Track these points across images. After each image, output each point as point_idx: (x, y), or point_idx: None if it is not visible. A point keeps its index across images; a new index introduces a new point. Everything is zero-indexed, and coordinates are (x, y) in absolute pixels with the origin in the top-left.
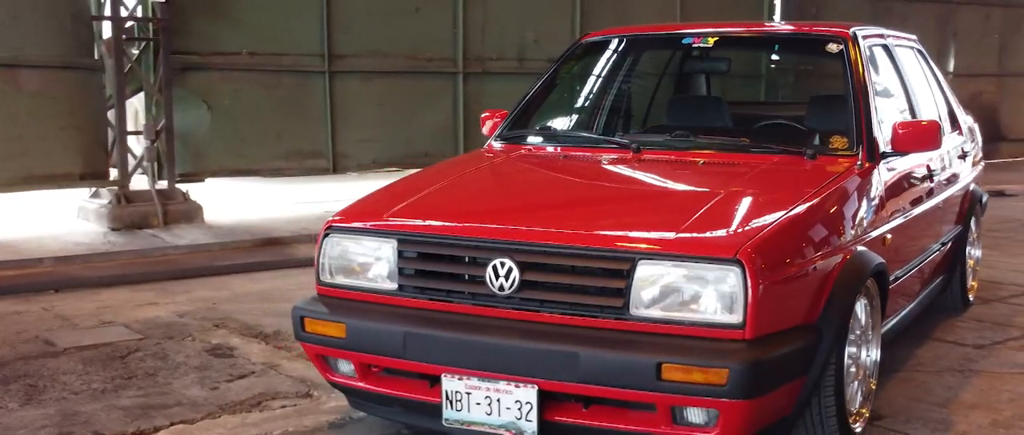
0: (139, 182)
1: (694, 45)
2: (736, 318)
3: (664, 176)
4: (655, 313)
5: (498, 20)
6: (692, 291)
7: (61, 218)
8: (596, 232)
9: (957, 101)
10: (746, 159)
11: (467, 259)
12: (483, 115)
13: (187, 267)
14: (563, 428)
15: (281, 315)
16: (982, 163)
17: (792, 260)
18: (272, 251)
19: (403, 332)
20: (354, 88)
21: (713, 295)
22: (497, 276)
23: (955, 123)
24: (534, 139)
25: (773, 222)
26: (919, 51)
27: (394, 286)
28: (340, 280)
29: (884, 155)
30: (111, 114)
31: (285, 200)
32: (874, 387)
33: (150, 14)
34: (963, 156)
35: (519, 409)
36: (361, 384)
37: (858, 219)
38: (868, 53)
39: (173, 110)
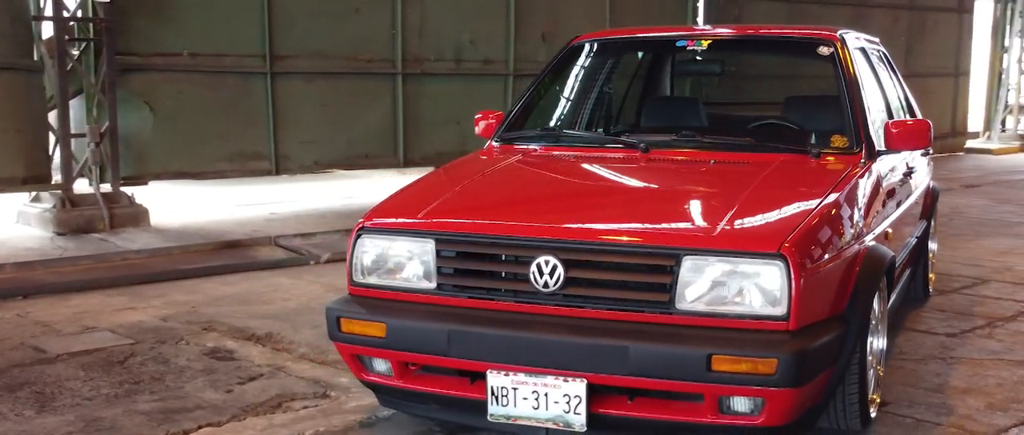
0: (81, 185)
1: (688, 47)
2: (780, 310)
3: (685, 175)
4: (700, 307)
5: (435, 21)
6: (737, 285)
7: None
8: (641, 230)
9: (914, 99)
10: (754, 158)
11: (510, 258)
12: (476, 116)
13: (152, 271)
14: (610, 420)
15: (267, 317)
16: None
17: (825, 254)
18: (234, 254)
19: (447, 330)
20: (296, 89)
21: (757, 288)
22: (541, 274)
23: None
24: (537, 140)
25: (806, 217)
26: (883, 53)
27: (432, 285)
28: (373, 280)
29: (879, 153)
30: (52, 116)
31: (225, 203)
32: (882, 374)
33: (91, 14)
34: (925, 153)
35: (567, 403)
36: (398, 383)
37: (869, 215)
38: (854, 55)
39: (116, 112)
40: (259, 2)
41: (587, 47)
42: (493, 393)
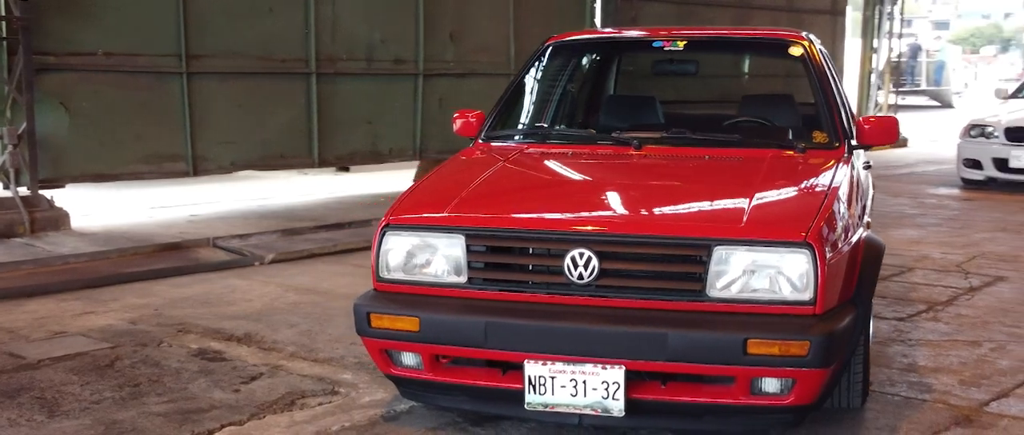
0: None
1: (665, 48)
2: (808, 295)
3: (690, 170)
4: (730, 294)
5: (346, 21)
6: (765, 272)
7: None
8: (672, 222)
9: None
10: (746, 154)
11: (543, 251)
12: (454, 115)
13: (99, 275)
14: (645, 405)
15: (237, 318)
16: None
17: (840, 242)
18: (175, 256)
19: (484, 323)
20: (212, 90)
21: (785, 275)
22: (576, 266)
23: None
24: (524, 137)
25: (820, 208)
26: (825, 52)
27: (462, 279)
28: (400, 276)
29: (854, 148)
30: None
31: (139, 205)
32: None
33: (5, 12)
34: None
35: (606, 389)
36: (428, 376)
37: (860, 205)
38: (823, 55)
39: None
40: (174, 1)
41: (562, 48)
42: (530, 382)
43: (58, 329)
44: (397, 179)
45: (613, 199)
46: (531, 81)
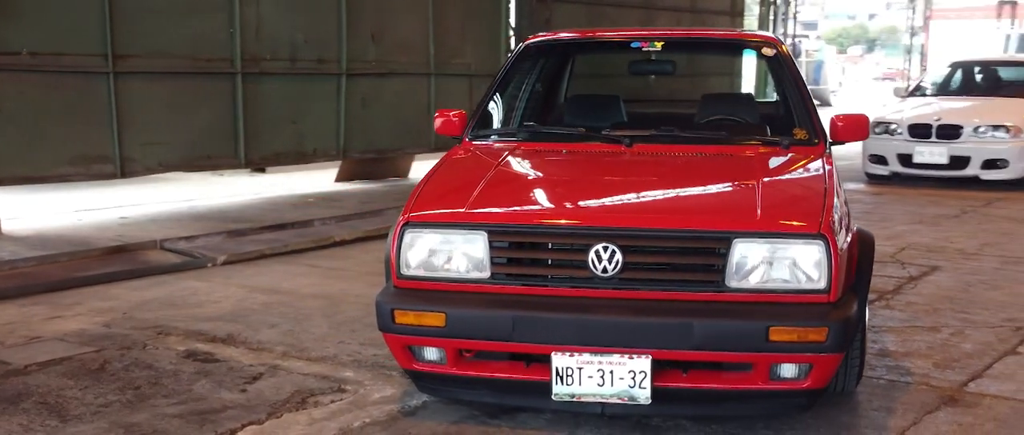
0: None
1: (643, 48)
2: (822, 284)
3: (691, 166)
4: (748, 284)
5: (270, 21)
6: (782, 263)
7: None
8: (693, 217)
9: None
10: (735, 150)
11: (566, 246)
12: (435, 114)
13: (53, 279)
14: (670, 392)
15: (212, 320)
16: None
17: (844, 233)
18: (125, 259)
19: (512, 317)
20: (139, 90)
21: (801, 265)
22: (600, 260)
23: None
24: (513, 135)
25: (824, 201)
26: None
27: (485, 275)
28: (421, 272)
29: (831, 144)
30: None
31: (63, 208)
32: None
33: None
34: None
35: (632, 378)
36: (451, 370)
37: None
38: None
39: None
40: (100, 0)
41: (541, 48)
42: (558, 373)
43: (31, 334)
44: (313, 179)
45: (630, 195)
46: (509, 80)
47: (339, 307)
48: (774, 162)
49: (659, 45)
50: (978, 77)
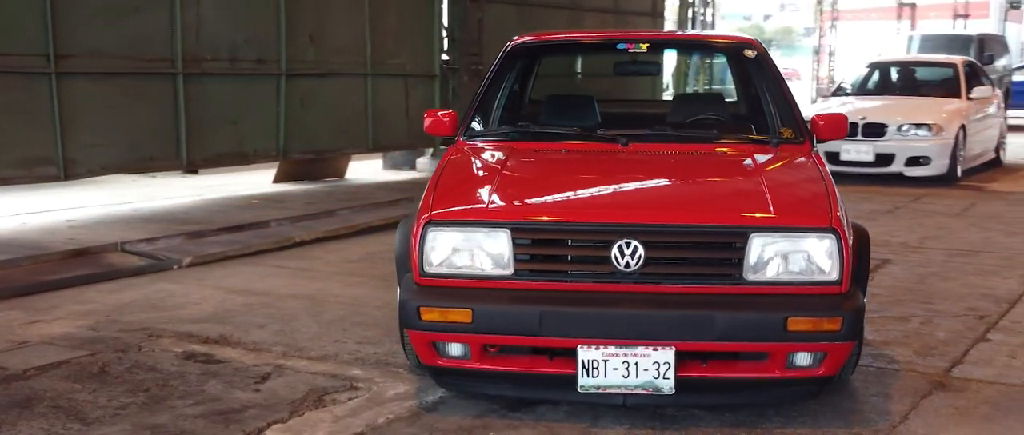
0: None
1: (628, 50)
2: (834, 276)
3: (695, 164)
4: (765, 277)
5: (210, 21)
6: (797, 256)
7: None
8: (712, 213)
9: None
10: (728, 148)
11: (589, 242)
12: (425, 114)
13: (20, 284)
14: (691, 382)
15: (198, 322)
16: None
17: (849, 227)
18: (89, 263)
19: (539, 312)
20: (82, 90)
21: (815, 258)
22: (623, 255)
23: None
24: (510, 136)
25: (828, 197)
26: None
27: (509, 271)
28: (444, 270)
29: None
30: None
31: (2, 212)
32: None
33: None
34: None
35: (657, 369)
36: (475, 365)
37: None
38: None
39: None
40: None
41: (526, 49)
42: (584, 366)
43: (17, 339)
44: (249, 180)
45: (646, 192)
46: (500, 81)
47: (322, 307)
48: (770, 159)
49: (644, 46)
50: (894, 77)
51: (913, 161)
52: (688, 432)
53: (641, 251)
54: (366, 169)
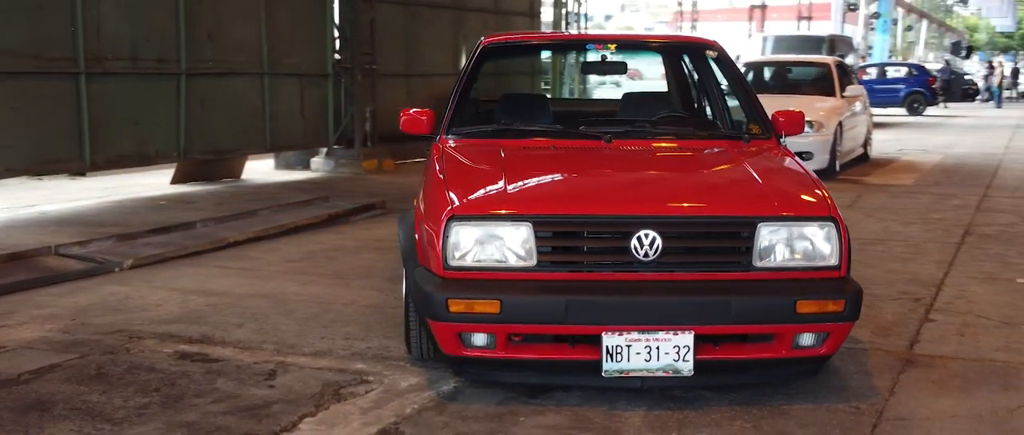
0: None
1: (598, 50)
2: (834, 261)
3: (688, 159)
4: (771, 263)
5: (110, 19)
6: (800, 244)
7: None
8: (723, 204)
9: None
10: (709, 144)
11: (609, 234)
12: (400, 112)
13: None
14: (707, 364)
15: (172, 322)
16: None
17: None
18: (26, 266)
19: (565, 301)
20: None
21: (817, 246)
22: (641, 245)
23: None
24: (492, 133)
25: (819, 188)
26: None
27: (532, 263)
28: (468, 263)
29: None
30: None
31: None
32: None
33: None
34: None
35: (677, 353)
36: (500, 354)
37: None
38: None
39: None
40: None
41: (497, 49)
42: (608, 351)
43: None
44: (144, 181)
45: (659, 185)
46: (474, 79)
47: (288, 306)
48: (754, 154)
49: (613, 47)
50: (767, 76)
51: (797, 156)
52: (703, 411)
53: (659, 241)
54: (259, 168)
